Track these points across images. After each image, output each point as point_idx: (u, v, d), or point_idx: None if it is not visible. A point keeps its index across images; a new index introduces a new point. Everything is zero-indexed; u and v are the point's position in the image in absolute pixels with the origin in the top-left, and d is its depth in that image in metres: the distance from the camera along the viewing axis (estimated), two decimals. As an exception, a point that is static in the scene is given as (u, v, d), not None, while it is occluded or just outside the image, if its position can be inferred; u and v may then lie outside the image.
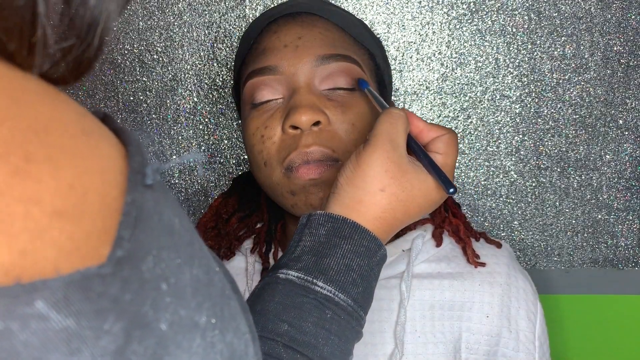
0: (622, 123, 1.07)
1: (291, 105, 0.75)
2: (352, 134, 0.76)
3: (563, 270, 1.11)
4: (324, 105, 0.76)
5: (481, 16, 1.05)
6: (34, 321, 0.26)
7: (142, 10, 1.06)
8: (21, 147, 0.27)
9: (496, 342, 0.82)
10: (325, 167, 0.74)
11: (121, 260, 0.29)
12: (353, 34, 0.82)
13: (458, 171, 1.08)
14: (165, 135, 1.09)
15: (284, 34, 0.79)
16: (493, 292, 0.82)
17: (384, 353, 0.79)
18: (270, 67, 0.78)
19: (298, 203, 0.76)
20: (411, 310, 0.81)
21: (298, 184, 0.75)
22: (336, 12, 0.84)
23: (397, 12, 1.05)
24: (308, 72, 0.77)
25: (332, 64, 0.77)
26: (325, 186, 0.75)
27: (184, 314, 0.32)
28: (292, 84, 0.77)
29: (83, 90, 1.11)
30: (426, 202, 0.63)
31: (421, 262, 0.84)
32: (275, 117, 0.77)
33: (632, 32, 1.04)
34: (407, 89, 1.06)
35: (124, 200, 0.30)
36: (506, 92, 1.06)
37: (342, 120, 0.76)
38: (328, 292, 0.57)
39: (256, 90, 0.79)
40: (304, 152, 0.74)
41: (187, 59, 1.07)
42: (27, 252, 0.27)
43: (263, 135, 0.77)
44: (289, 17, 0.81)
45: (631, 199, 1.09)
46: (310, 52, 0.77)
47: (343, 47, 0.79)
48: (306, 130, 0.74)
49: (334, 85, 0.78)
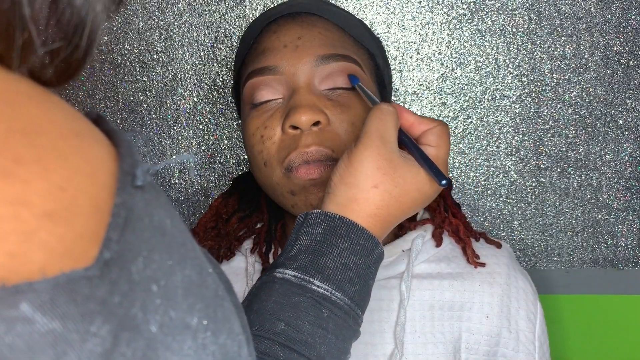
0: (622, 123, 1.07)
1: (291, 105, 0.75)
2: (352, 134, 0.76)
3: (563, 270, 1.11)
4: (324, 105, 0.76)
5: (481, 16, 1.05)
6: (19, 324, 0.26)
7: (142, 10, 1.06)
8: (10, 149, 0.27)
9: (496, 342, 0.82)
10: (325, 167, 0.74)
11: (109, 262, 0.29)
12: (353, 34, 0.82)
13: (458, 171, 1.08)
14: (165, 135, 1.09)
15: (283, 34, 0.79)
16: (493, 293, 0.82)
17: (384, 353, 0.79)
18: (270, 67, 0.78)
19: (298, 203, 0.76)
20: (411, 310, 0.81)
21: (298, 184, 0.75)
22: (336, 12, 0.84)
23: (397, 12, 1.05)
24: (308, 72, 0.77)
25: (331, 64, 0.77)
26: (325, 186, 0.75)
27: (174, 315, 0.32)
28: (292, 84, 0.77)
29: (83, 90, 1.11)
30: (420, 196, 0.63)
31: (421, 263, 0.84)
32: (275, 117, 0.77)
33: (632, 32, 1.04)
34: (407, 89, 1.06)
35: (113, 202, 0.30)
36: (506, 92, 1.06)
37: (341, 120, 0.76)
38: (325, 291, 0.57)
39: (256, 90, 0.79)
40: (304, 152, 0.74)
41: (187, 59, 1.07)
42: (15, 255, 0.26)
43: (263, 136, 0.77)
44: (288, 17, 0.81)
45: (631, 199, 1.09)
46: (310, 52, 0.77)
47: (343, 47, 0.79)
48: (306, 130, 0.74)
49: (333, 85, 0.78)
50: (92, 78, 1.10)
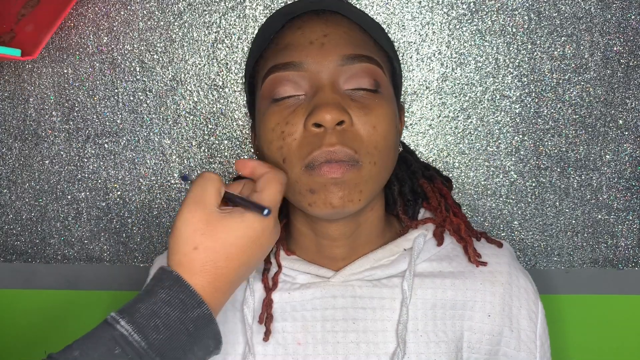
0: (622, 123, 1.07)
1: (315, 102, 0.75)
2: (373, 136, 0.75)
3: (563, 270, 1.11)
4: (347, 105, 0.75)
5: (481, 16, 1.05)
6: None
7: (142, 10, 1.06)
8: None
9: (498, 342, 0.82)
10: (347, 167, 0.74)
11: None
12: (373, 35, 0.81)
13: (458, 171, 1.08)
14: (165, 135, 1.09)
15: (309, 30, 0.79)
16: (494, 292, 0.82)
17: (386, 352, 0.79)
18: (294, 63, 0.77)
19: (317, 201, 0.75)
20: (413, 309, 0.81)
21: (319, 182, 0.74)
22: (357, 12, 0.83)
23: (397, 12, 1.05)
24: (333, 71, 0.76)
25: (356, 64, 0.77)
26: (346, 186, 0.74)
27: None
28: (316, 82, 0.76)
29: (83, 90, 1.11)
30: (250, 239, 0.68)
31: (423, 261, 0.84)
32: (297, 113, 0.76)
33: (632, 32, 1.05)
34: (407, 89, 1.07)
35: None
36: (506, 92, 1.07)
37: (364, 122, 0.75)
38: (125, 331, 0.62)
39: (278, 85, 0.77)
40: (328, 150, 0.73)
41: (187, 59, 1.07)
42: None
43: (284, 132, 0.76)
44: (312, 14, 0.81)
45: (631, 199, 1.09)
46: (336, 51, 0.77)
47: (366, 48, 0.79)
48: (330, 128, 0.74)
49: (357, 86, 0.77)
50: (92, 78, 1.10)
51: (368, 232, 0.83)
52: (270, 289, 0.83)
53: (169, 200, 1.10)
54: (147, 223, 1.11)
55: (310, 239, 0.84)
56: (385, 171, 0.78)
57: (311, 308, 0.81)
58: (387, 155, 0.77)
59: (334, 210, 0.74)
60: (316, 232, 0.83)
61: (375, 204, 0.83)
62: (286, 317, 0.82)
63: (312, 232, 0.83)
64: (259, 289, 0.84)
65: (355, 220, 0.81)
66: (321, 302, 0.81)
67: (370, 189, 0.76)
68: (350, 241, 0.82)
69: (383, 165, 0.77)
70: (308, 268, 0.83)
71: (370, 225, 0.83)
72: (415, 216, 0.89)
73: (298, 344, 0.81)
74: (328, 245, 0.83)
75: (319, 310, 0.81)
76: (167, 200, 1.10)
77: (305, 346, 0.80)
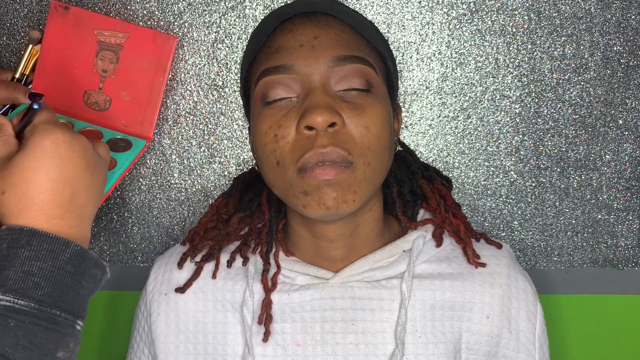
0: (622, 123, 1.07)
1: (307, 105, 0.75)
2: (367, 137, 0.75)
3: (563, 270, 1.11)
4: (339, 106, 0.75)
5: (481, 16, 1.05)
6: None
7: (142, 10, 1.06)
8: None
9: (496, 343, 0.82)
10: (340, 169, 0.74)
11: None
12: (365, 35, 0.81)
13: (458, 171, 1.08)
14: (165, 135, 1.09)
15: (299, 33, 0.79)
16: (493, 293, 0.83)
17: (385, 353, 0.79)
18: (285, 66, 0.77)
19: (311, 203, 0.75)
20: (412, 310, 0.81)
21: (312, 184, 0.74)
22: (350, 13, 0.83)
23: (397, 12, 1.05)
24: (324, 73, 0.76)
25: (347, 65, 0.77)
26: (339, 187, 0.74)
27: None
28: (308, 84, 0.76)
29: (83, 90, 1.11)
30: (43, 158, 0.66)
31: (422, 263, 0.84)
32: (289, 116, 0.76)
33: (632, 32, 1.04)
34: (407, 89, 1.07)
35: None
36: (506, 92, 1.07)
37: (356, 123, 0.75)
38: (7, 302, 0.60)
39: (270, 88, 0.78)
40: (320, 152, 0.74)
41: (187, 59, 1.07)
42: None
43: (276, 135, 0.76)
44: (303, 17, 0.81)
45: (631, 199, 1.09)
46: (327, 53, 0.77)
47: (358, 48, 0.79)
48: (321, 131, 0.74)
49: (348, 87, 0.77)
50: (92, 78, 1.10)
51: (367, 233, 0.83)
52: (270, 290, 0.83)
53: (169, 200, 1.10)
54: (147, 223, 1.11)
55: (308, 241, 0.84)
56: (381, 172, 0.78)
57: (310, 309, 0.81)
58: (382, 155, 0.77)
59: (328, 211, 0.74)
60: (314, 234, 0.83)
61: (374, 204, 0.83)
62: (285, 318, 0.82)
63: (310, 234, 0.83)
64: (258, 290, 0.84)
65: (353, 221, 0.81)
66: (320, 304, 0.81)
67: (365, 189, 0.76)
68: (349, 242, 0.83)
69: (378, 165, 0.77)
70: (307, 269, 0.83)
71: (368, 226, 0.83)
72: (414, 217, 0.89)
73: (297, 345, 0.81)
74: (326, 246, 0.83)
75: (318, 312, 0.81)
76: (167, 200, 1.10)
77: (305, 347, 0.81)
